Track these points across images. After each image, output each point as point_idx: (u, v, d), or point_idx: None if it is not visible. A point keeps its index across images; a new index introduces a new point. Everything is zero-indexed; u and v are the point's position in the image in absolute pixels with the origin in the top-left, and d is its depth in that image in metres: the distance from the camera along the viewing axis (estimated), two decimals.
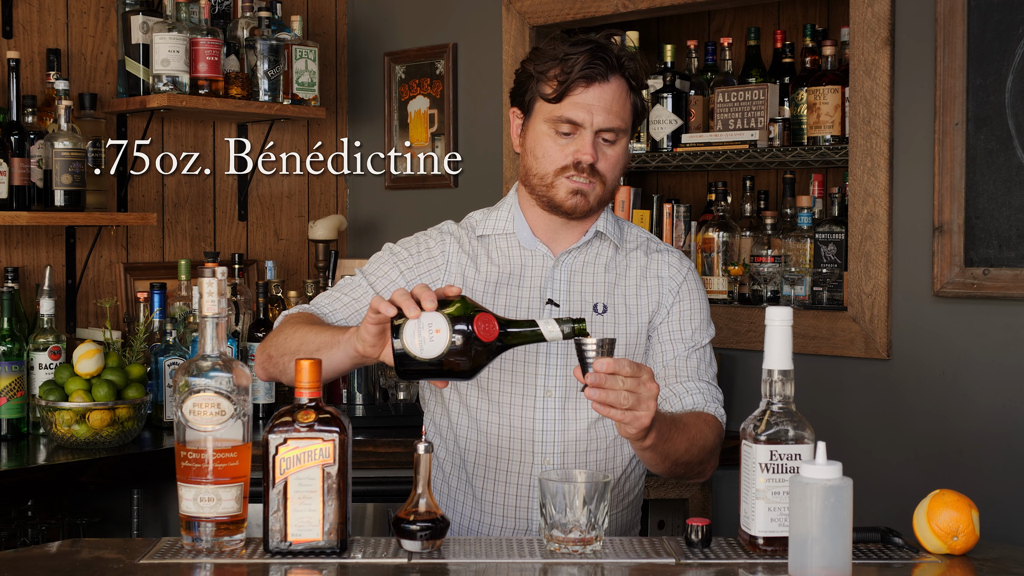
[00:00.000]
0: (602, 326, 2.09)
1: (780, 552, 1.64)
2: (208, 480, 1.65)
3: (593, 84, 2.01)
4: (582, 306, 2.10)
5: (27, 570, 1.63)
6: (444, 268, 2.12)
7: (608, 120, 2.02)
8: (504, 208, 2.16)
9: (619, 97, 2.03)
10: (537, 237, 2.13)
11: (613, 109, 2.02)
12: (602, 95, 2.01)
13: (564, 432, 2.07)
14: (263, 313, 3.12)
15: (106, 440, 2.66)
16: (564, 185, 2.04)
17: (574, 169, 2.02)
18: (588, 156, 2.01)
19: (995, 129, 2.60)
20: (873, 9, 2.78)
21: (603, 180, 2.05)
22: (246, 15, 3.45)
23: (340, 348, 1.88)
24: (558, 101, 2.02)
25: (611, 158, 2.05)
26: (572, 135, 2.02)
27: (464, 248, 2.14)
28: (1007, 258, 2.59)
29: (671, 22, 3.61)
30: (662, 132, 3.28)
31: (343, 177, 3.97)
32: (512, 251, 2.13)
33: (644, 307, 2.12)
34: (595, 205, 2.07)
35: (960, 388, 2.69)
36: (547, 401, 2.06)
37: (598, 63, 2.00)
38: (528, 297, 2.10)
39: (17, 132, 2.96)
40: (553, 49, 2.04)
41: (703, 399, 2.07)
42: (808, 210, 3.09)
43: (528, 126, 2.09)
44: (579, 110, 2.01)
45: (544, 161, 2.05)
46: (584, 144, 2.01)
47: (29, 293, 3.11)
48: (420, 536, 1.67)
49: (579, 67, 1.99)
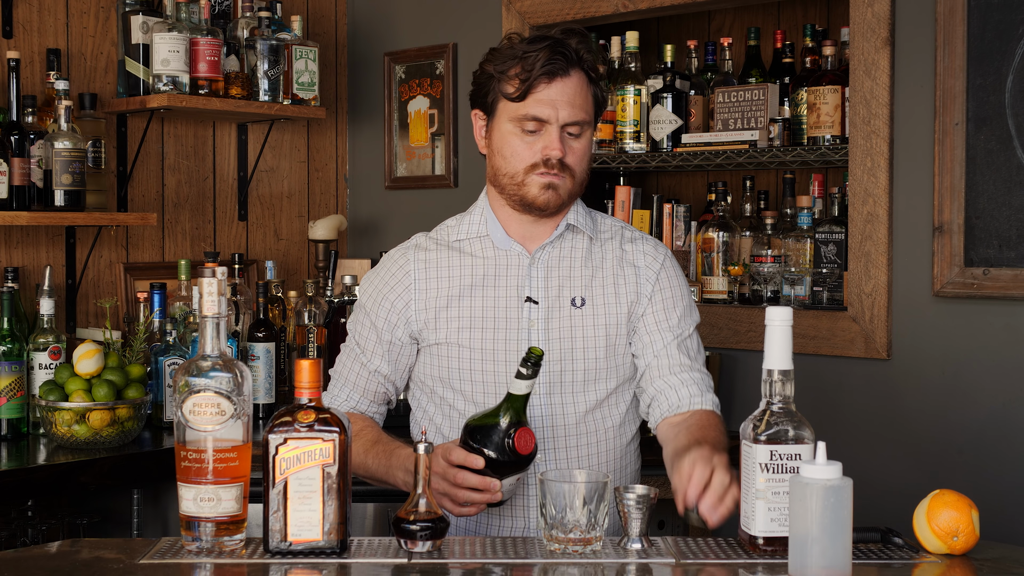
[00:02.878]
0: (581, 319, 2.10)
1: (780, 552, 1.64)
2: (208, 480, 1.65)
3: (555, 79, 2.02)
4: (560, 301, 2.10)
5: (27, 570, 1.63)
6: (412, 287, 2.14)
7: (573, 114, 2.03)
8: (476, 212, 2.17)
9: (581, 90, 2.05)
10: (511, 236, 2.13)
11: (576, 103, 2.04)
12: (564, 89, 2.03)
13: (553, 428, 2.08)
14: (263, 313, 3.12)
15: (106, 440, 2.66)
16: (535, 181, 2.05)
17: (544, 166, 2.04)
18: (556, 151, 2.03)
19: (995, 129, 2.60)
20: (873, 9, 2.78)
21: (572, 174, 2.06)
22: (246, 15, 3.45)
23: None
24: (522, 99, 2.03)
25: (578, 151, 2.07)
26: (538, 132, 2.04)
27: (430, 261, 2.14)
28: (1007, 258, 2.59)
29: (671, 22, 3.61)
30: (662, 132, 3.27)
31: (343, 177, 3.97)
32: (487, 252, 2.13)
33: (623, 297, 2.13)
34: (566, 199, 2.08)
35: (960, 388, 2.69)
36: (532, 398, 2.07)
37: (558, 58, 2.02)
38: (506, 296, 2.10)
39: (17, 132, 2.96)
40: (511, 48, 2.06)
41: (698, 389, 2.09)
42: (808, 210, 3.09)
43: (492, 127, 2.10)
44: (544, 106, 2.02)
45: (513, 160, 2.06)
46: (551, 140, 2.03)
47: (29, 293, 3.11)
48: (420, 536, 1.67)
49: (540, 64, 2.01)
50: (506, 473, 1.83)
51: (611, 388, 2.12)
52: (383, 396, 2.18)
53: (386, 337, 2.14)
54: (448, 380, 2.11)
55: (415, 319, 2.12)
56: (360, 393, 2.17)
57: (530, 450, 1.78)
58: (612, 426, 2.13)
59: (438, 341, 2.11)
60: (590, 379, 2.10)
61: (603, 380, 2.11)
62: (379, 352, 2.15)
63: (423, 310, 2.12)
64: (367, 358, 2.16)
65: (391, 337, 2.14)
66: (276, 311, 3.29)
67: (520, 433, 1.78)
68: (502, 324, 2.09)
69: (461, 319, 2.10)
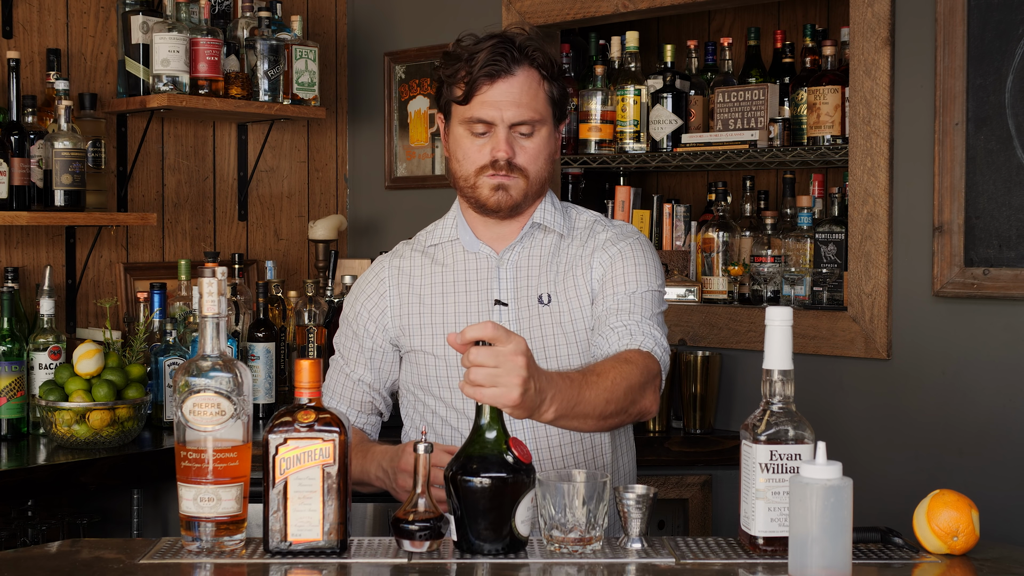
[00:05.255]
0: (550, 316, 2.07)
1: (780, 552, 1.64)
2: (208, 480, 1.65)
3: (497, 80, 2.00)
4: (528, 300, 2.09)
5: (27, 570, 1.63)
6: (386, 294, 2.14)
7: (519, 114, 2.01)
8: (450, 217, 2.18)
9: (528, 88, 2.02)
10: (480, 239, 2.13)
11: (523, 102, 2.01)
12: (509, 90, 2.01)
13: (534, 427, 2.05)
14: (263, 313, 3.12)
15: (106, 440, 2.65)
16: (486, 183, 2.04)
17: (492, 167, 2.03)
18: (503, 152, 2.01)
19: (995, 129, 2.60)
20: (873, 9, 2.78)
21: (525, 173, 2.04)
22: (246, 15, 3.45)
23: None
24: (467, 102, 2.02)
25: (530, 150, 2.04)
26: (487, 134, 2.03)
27: (403, 268, 2.15)
28: (1007, 258, 2.59)
29: (671, 22, 3.61)
30: (662, 132, 3.27)
31: (343, 177, 3.97)
32: (457, 256, 2.14)
33: (584, 287, 2.08)
34: (520, 200, 2.06)
35: (960, 388, 2.69)
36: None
37: (499, 58, 2.00)
38: (477, 300, 2.10)
39: (17, 132, 2.96)
40: (459, 51, 2.05)
41: (628, 335, 1.97)
42: (808, 210, 3.09)
43: (448, 130, 2.10)
44: (487, 108, 2.01)
45: (465, 163, 2.06)
46: (498, 141, 2.01)
47: (29, 293, 3.11)
48: (419, 536, 1.66)
49: (480, 64, 2.00)
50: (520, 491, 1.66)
51: None
52: (370, 405, 2.18)
53: (367, 344, 2.15)
54: (428, 387, 2.11)
55: (391, 325, 2.13)
56: (347, 404, 2.17)
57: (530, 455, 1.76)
58: None
59: (413, 348, 2.12)
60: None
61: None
62: (361, 360, 2.16)
63: (397, 316, 2.12)
64: (350, 368, 2.17)
65: (372, 344, 2.15)
66: (276, 311, 3.29)
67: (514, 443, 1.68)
68: None
69: (435, 325, 2.10)
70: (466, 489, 1.64)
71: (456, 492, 1.65)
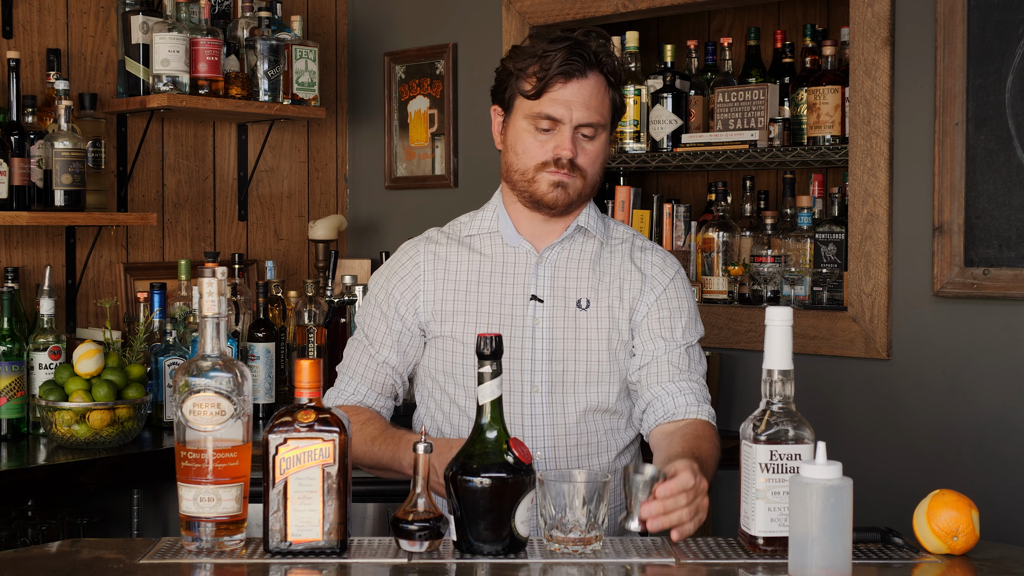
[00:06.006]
0: (586, 321, 2.11)
1: (780, 552, 1.64)
2: (208, 480, 1.65)
3: (571, 80, 2.03)
4: (565, 302, 2.11)
5: (27, 570, 1.63)
6: (421, 278, 2.15)
7: (587, 115, 2.04)
8: (489, 208, 2.19)
9: (597, 93, 2.06)
10: (521, 234, 2.15)
11: (592, 105, 2.04)
12: (580, 91, 2.04)
13: (554, 427, 2.09)
14: (263, 313, 3.12)
15: (106, 440, 2.65)
16: (545, 179, 2.06)
17: (554, 164, 2.05)
18: (567, 151, 2.04)
19: (995, 129, 2.60)
20: (873, 9, 2.78)
21: (583, 175, 2.07)
22: (246, 15, 3.45)
23: None
24: (537, 97, 2.04)
25: (591, 153, 2.07)
26: (552, 131, 2.05)
27: (439, 254, 2.16)
28: (1007, 258, 2.59)
29: (671, 22, 3.61)
30: (662, 132, 3.27)
31: (343, 177, 3.97)
32: (496, 248, 2.15)
33: (627, 302, 2.13)
34: (575, 199, 2.09)
35: (960, 388, 2.69)
36: (534, 396, 2.08)
37: (576, 59, 2.03)
38: (512, 294, 2.12)
39: (17, 132, 2.96)
40: (532, 47, 2.07)
41: (695, 400, 2.09)
42: (808, 210, 3.09)
43: (509, 123, 2.12)
44: (558, 106, 2.03)
45: (525, 157, 2.07)
46: (563, 140, 2.04)
47: (29, 293, 3.11)
48: (419, 536, 1.66)
49: (557, 63, 2.02)
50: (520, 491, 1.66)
51: (613, 390, 2.12)
52: (391, 389, 2.18)
53: (396, 326, 2.15)
54: (452, 374, 2.12)
55: (423, 310, 2.13)
56: (368, 386, 2.16)
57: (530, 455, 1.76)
58: (612, 428, 2.14)
59: (443, 334, 2.12)
60: (592, 380, 2.10)
61: (605, 382, 2.11)
62: (388, 343, 2.15)
63: (431, 302, 2.13)
64: (375, 349, 2.16)
65: (401, 326, 2.14)
66: (276, 311, 3.29)
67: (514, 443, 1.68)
68: (508, 321, 2.10)
69: (467, 313, 2.11)
70: (466, 489, 1.64)
71: (456, 492, 1.65)
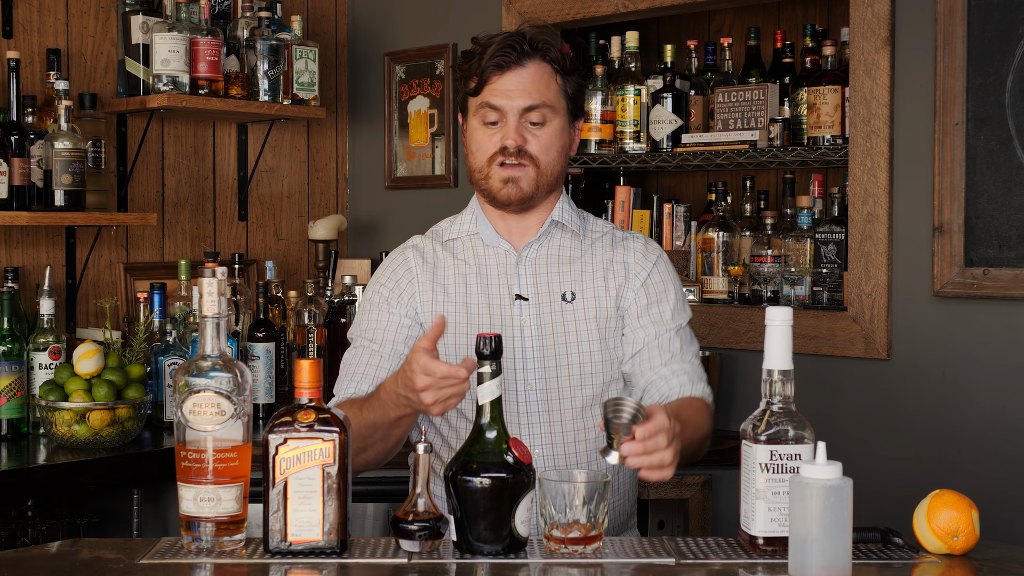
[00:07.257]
0: (573, 313, 2.11)
1: (780, 552, 1.64)
2: (208, 480, 1.65)
3: (507, 71, 2.06)
4: (550, 297, 2.12)
5: (27, 570, 1.63)
6: (415, 280, 2.15)
7: (528, 100, 2.06)
8: (468, 211, 2.20)
9: (540, 80, 2.07)
10: (499, 234, 2.15)
11: (533, 91, 2.06)
12: (519, 79, 2.06)
13: (551, 424, 2.09)
14: (263, 313, 3.12)
15: (106, 440, 2.65)
16: (496, 174, 2.08)
17: (502, 154, 2.06)
18: (512, 139, 2.05)
19: (995, 129, 2.60)
20: (873, 9, 2.78)
21: (536, 163, 2.07)
22: (246, 15, 3.45)
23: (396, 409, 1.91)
24: (478, 92, 2.08)
25: (543, 139, 2.08)
26: (499, 123, 2.07)
27: (427, 258, 2.17)
28: (1007, 258, 2.59)
29: (671, 22, 3.61)
30: (662, 132, 3.27)
31: (343, 177, 3.97)
32: (477, 250, 2.16)
33: (612, 290, 2.14)
34: (531, 192, 2.09)
35: (960, 388, 2.69)
36: (529, 394, 2.08)
37: (509, 50, 2.06)
38: (498, 294, 2.12)
39: (17, 132, 2.96)
40: (472, 48, 2.11)
41: (689, 380, 2.10)
42: (808, 210, 3.09)
43: (466, 126, 2.15)
44: (497, 95, 2.06)
45: (479, 153, 2.10)
46: (508, 129, 2.06)
47: (29, 293, 3.11)
48: (419, 536, 1.67)
49: (490, 55, 2.05)
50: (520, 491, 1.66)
51: (607, 381, 2.12)
52: None
53: (397, 320, 2.13)
54: None
55: (420, 310, 2.14)
56: (369, 382, 2.11)
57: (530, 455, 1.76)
58: None
59: None
60: (586, 372, 2.11)
61: (599, 373, 2.11)
62: (389, 339, 2.12)
63: (427, 302, 2.14)
64: (377, 346, 2.13)
65: (401, 321, 2.13)
66: (276, 311, 3.29)
67: (514, 443, 1.68)
68: (497, 322, 2.10)
69: (457, 314, 2.11)
70: (466, 489, 1.64)
71: (456, 492, 1.65)
